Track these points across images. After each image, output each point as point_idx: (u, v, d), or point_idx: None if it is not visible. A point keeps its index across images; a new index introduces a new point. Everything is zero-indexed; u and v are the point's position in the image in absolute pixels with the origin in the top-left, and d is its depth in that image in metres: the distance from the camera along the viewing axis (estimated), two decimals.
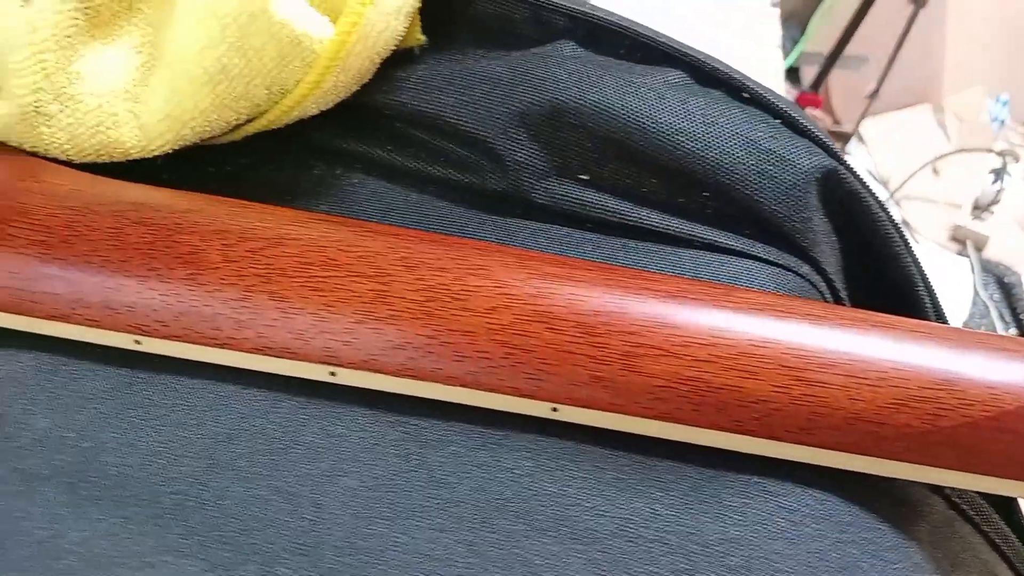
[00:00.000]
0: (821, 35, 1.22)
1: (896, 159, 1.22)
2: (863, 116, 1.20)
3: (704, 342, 0.22)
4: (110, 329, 0.24)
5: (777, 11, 0.42)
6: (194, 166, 0.29)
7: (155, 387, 0.23)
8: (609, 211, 0.29)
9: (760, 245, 0.28)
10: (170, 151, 0.28)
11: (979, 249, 1.13)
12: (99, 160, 0.27)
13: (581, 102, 0.28)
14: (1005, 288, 1.09)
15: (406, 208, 0.29)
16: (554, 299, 0.23)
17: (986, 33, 1.30)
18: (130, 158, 0.28)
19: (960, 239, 1.15)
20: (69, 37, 0.26)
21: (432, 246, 0.24)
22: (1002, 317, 1.06)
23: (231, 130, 0.29)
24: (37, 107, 0.26)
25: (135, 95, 0.27)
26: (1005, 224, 1.16)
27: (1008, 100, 1.30)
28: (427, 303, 0.23)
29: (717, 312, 0.23)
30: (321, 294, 0.23)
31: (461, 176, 0.30)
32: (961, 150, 1.21)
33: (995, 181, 1.09)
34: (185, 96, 0.27)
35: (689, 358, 0.22)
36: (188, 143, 0.28)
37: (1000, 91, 1.31)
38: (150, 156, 0.28)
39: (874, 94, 1.15)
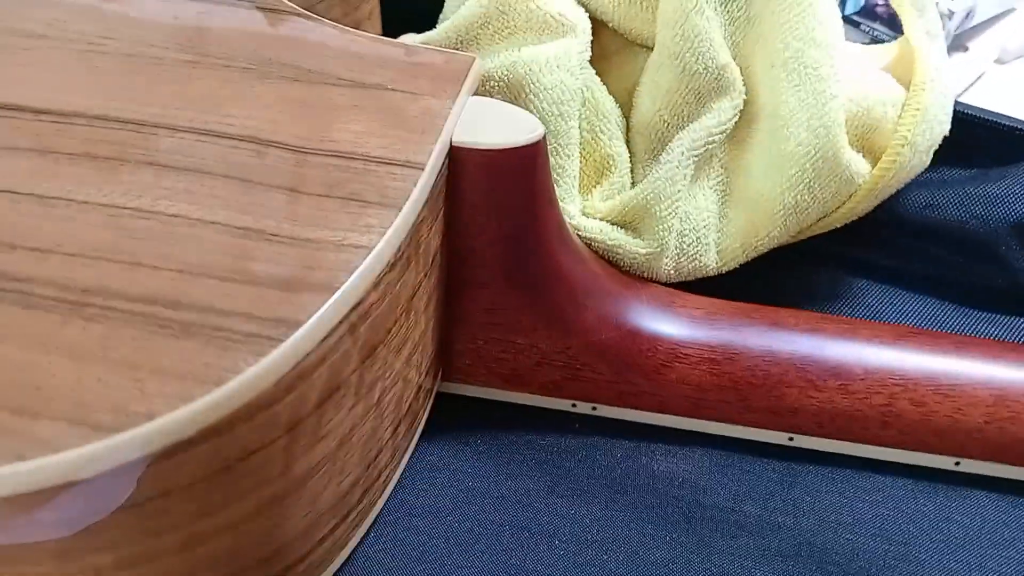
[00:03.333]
0: None
1: None
2: None
3: None
4: (771, 429, 0.29)
5: None
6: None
7: (813, 476, 0.29)
8: None
9: None
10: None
11: None
12: (684, 280, 0.33)
13: None
14: None
15: (918, 309, 0.35)
16: None
17: None
18: (704, 276, 0.33)
19: None
20: (688, 184, 0.32)
21: (1009, 352, 0.30)
22: None
23: None
24: (668, 244, 0.31)
25: (716, 227, 0.33)
26: None
27: None
28: None
29: None
30: (951, 399, 0.29)
31: (959, 277, 0.35)
32: None
33: None
34: (760, 227, 0.33)
35: None
36: (747, 261, 0.34)
37: None
38: (715, 275, 0.34)
39: None
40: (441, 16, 0.37)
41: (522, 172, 0.26)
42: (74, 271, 0.20)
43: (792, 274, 0.36)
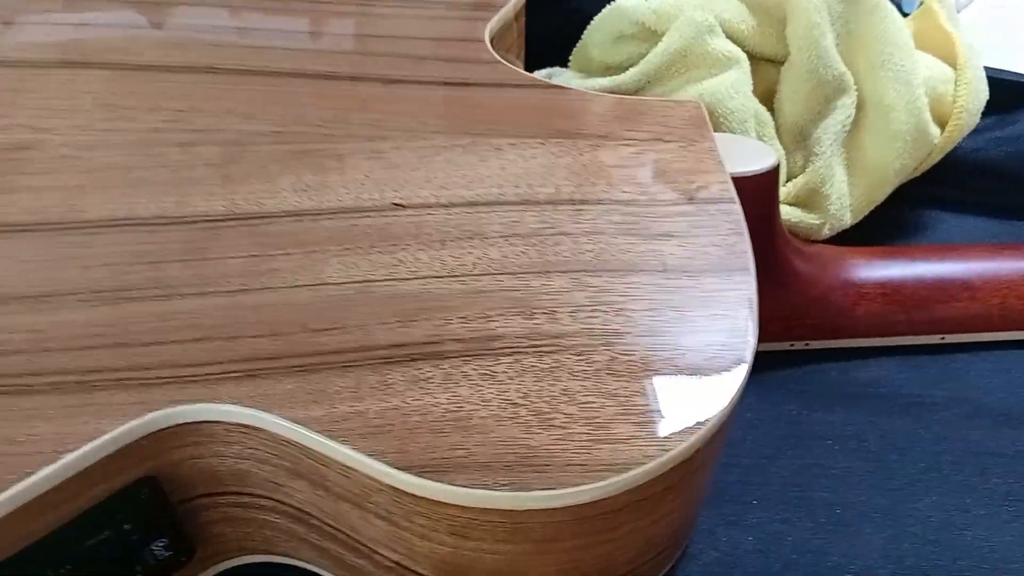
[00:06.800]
0: None
1: None
2: None
3: None
4: (929, 334, 0.41)
5: None
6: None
7: (964, 361, 0.41)
8: None
9: None
10: None
11: None
12: (831, 236, 0.44)
13: None
14: None
15: (978, 227, 0.47)
16: None
17: None
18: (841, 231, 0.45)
19: None
20: (835, 160, 0.42)
21: None
22: None
23: None
24: (829, 213, 0.42)
25: (848, 192, 0.44)
26: None
27: None
28: None
29: None
30: None
31: (1003, 199, 0.48)
32: None
33: None
34: (877, 190, 0.44)
35: None
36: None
37: None
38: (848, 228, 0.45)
39: None
40: (579, 53, 0.45)
41: (768, 188, 0.36)
42: (534, 328, 0.27)
43: (884, 214, 0.47)
